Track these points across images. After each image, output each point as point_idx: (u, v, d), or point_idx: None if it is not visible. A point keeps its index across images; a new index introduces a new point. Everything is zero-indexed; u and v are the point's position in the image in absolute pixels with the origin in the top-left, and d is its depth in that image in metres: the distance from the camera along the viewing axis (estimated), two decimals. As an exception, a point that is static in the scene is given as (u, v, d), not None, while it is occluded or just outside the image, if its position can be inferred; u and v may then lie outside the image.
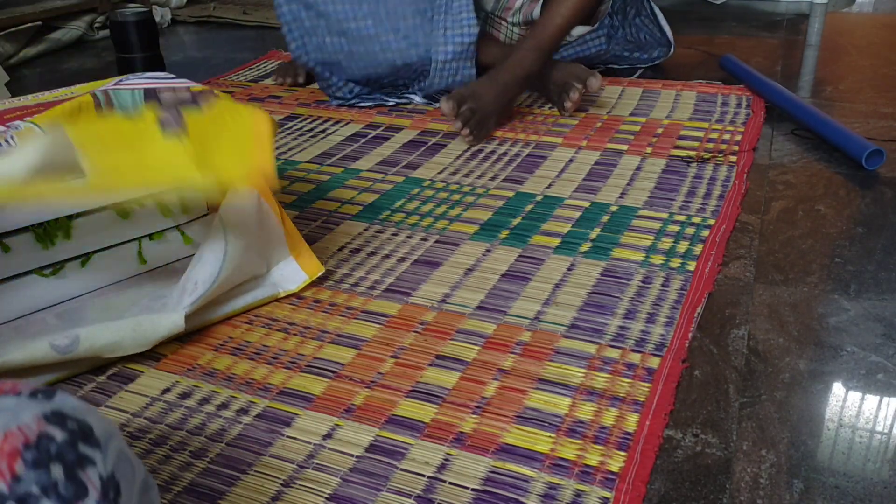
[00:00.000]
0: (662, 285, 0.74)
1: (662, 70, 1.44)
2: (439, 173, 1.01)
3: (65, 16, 1.77)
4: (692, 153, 1.04)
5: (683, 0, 2.04)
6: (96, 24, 1.84)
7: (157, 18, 1.91)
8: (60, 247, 0.66)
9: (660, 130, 1.13)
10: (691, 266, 0.77)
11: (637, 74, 1.41)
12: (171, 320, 0.65)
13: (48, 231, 0.64)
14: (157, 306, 0.68)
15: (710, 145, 1.07)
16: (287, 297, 0.75)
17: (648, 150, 1.06)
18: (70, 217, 0.66)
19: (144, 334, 0.64)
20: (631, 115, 1.20)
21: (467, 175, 1.00)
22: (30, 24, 1.66)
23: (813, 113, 1.10)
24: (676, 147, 1.06)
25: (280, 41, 1.76)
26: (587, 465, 0.53)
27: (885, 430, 0.58)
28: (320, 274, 0.75)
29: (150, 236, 0.71)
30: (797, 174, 0.99)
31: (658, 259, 0.79)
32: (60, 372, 0.64)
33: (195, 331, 0.70)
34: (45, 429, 0.34)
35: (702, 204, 0.90)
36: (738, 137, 1.09)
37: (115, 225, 0.68)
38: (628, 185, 0.96)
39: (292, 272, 0.74)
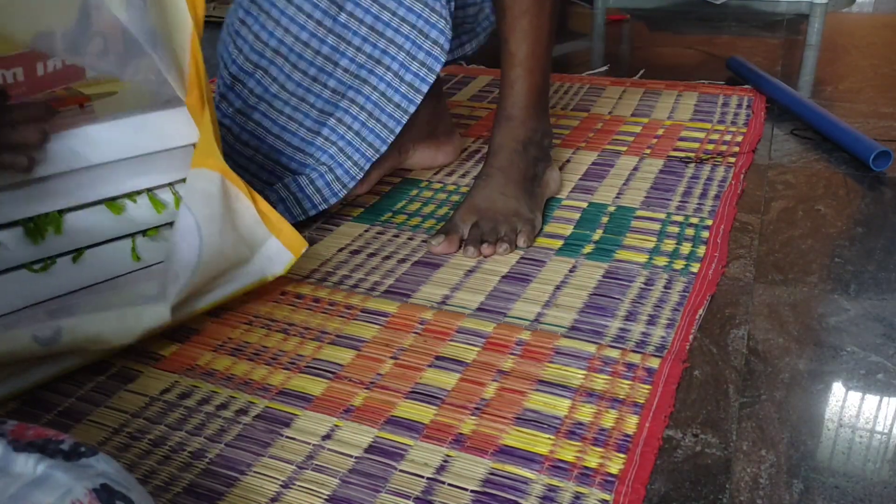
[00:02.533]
0: (665, 287, 0.74)
1: (664, 70, 1.44)
2: (436, 174, 1.01)
3: (65, 16, 1.77)
4: (691, 154, 1.04)
5: (683, 0, 2.04)
6: (96, 25, 1.84)
7: (157, 19, 1.90)
8: (51, 242, 0.65)
9: (661, 131, 1.13)
10: (695, 268, 0.77)
11: (639, 74, 1.41)
12: (155, 312, 0.64)
13: (38, 226, 0.64)
14: (142, 301, 0.67)
15: (711, 146, 1.07)
16: (286, 297, 0.75)
17: (647, 150, 1.06)
18: (61, 212, 0.66)
19: (128, 326, 0.63)
20: (632, 115, 1.20)
21: (464, 175, 1.00)
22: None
23: (820, 114, 1.10)
24: (676, 149, 1.06)
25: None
26: (586, 467, 0.53)
27: (885, 430, 0.57)
28: (305, 250, 0.72)
29: (145, 233, 0.70)
30: (797, 174, 0.99)
31: (661, 261, 0.79)
32: (51, 367, 0.63)
33: (194, 331, 0.70)
34: None
35: (698, 204, 0.90)
36: (739, 138, 1.09)
37: (107, 220, 0.68)
38: (624, 185, 0.96)
39: (277, 252, 0.72)
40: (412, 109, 0.84)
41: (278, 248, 0.71)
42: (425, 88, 0.83)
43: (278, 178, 0.86)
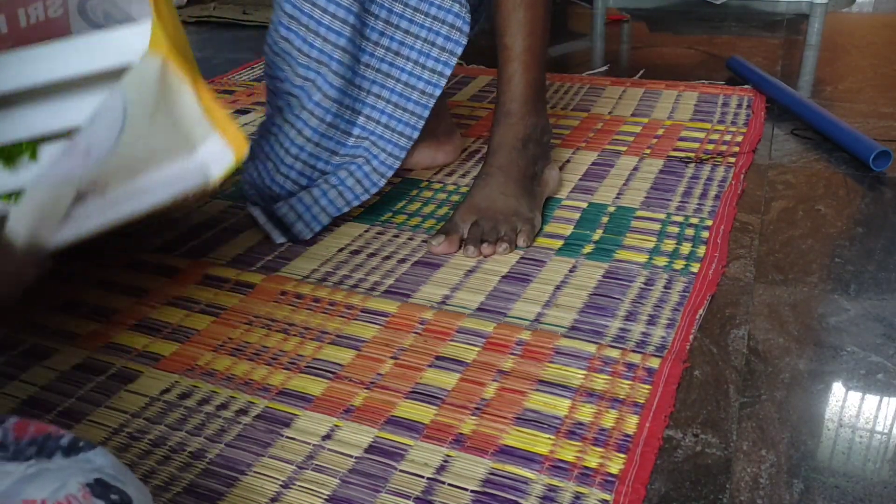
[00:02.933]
0: (665, 287, 0.74)
1: (664, 70, 1.44)
2: (436, 174, 1.01)
3: (65, 16, 1.77)
4: (691, 154, 1.04)
5: (683, 0, 2.04)
6: (96, 25, 1.84)
7: (157, 19, 1.90)
8: (26, 169, 0.62)
9: (661, 131, 1.13)
10: (695, 268, 0.77)
11: (639, 74, 1.41)
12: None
13: (11, 154, 0.62)
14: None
15: (711, 146, 1.07)
16: (287, 296, 0.75)
17: (647, 150, 1.06)
18: (36, 141, 0.63)
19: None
20: (632, 115, 1.19)
21: (464, 175, 1.00)
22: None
23: (820, 114, 1.10)
24: (676, 149, 1.06)
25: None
26: (586, 467, 0.53)
27: (885, 430, 0.57)
28: (246, 151, 0.67)
29: None
30: (797, 174, 0.99)
31: (661, 261, 0.79)
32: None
33: (194, 331, 0.70)
34: (92, 502, 0.35)
35: (698, 204, 0.90)
36: (739, 139, 1.09)
37: None
38: (625, 185, 0.96)
39: (219, 151, 0.67)
40: (437, 93, 0.85)
41: (222, 148, 0.67)
42: (448, 72, 0.85)
43: (315, 181, 0.88)
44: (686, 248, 0.81)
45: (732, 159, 1.02)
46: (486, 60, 1.52)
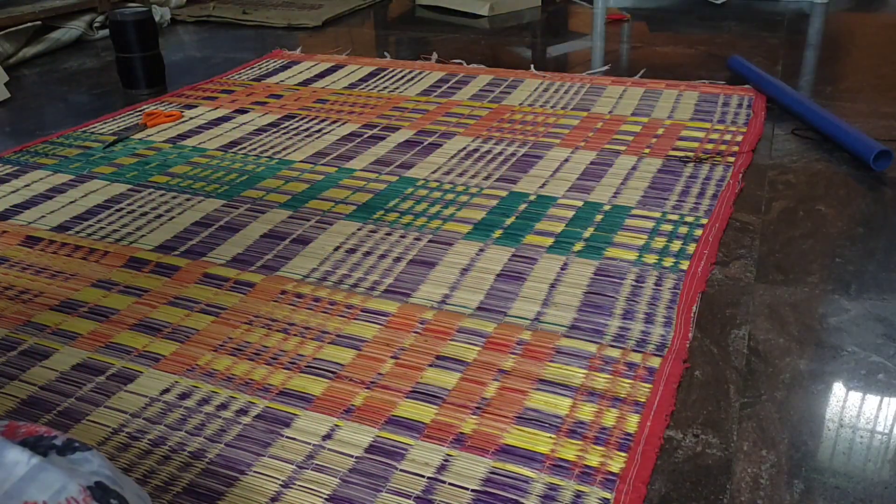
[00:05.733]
0: (655, 284, 0.74)
1: (664, 70, 1.44)
2: (433, 173, 1.01)
3: (64, 15, 1.77)
4: (690, 154, 1.04)
5: (683, 0, 2.04)
6: (95, 24, 1.84)
7: (157, 18, 1.91)
8: None
9: (661, 131, 1.13)
10: (684, 265, 0.77)
11: (640, 74, 1.41)
12: None
13: None
14: None
15: (711, 146, 1.06)
16: (287, 296, 0.74)
17: (646, 150, 1.06)
18: None
19: None
20: (633, 114, 1.19)
21: (461, 175, 1.00)
22: (29, 24, 1.66)
23: (821, 114, 1.10)
24: (676, 148, 1.06)
25: (281, 39, 1.76)
26: (587, 466, 0.53)
27: (886, 431, 0.57)
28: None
29: None
30: (798, 174, 0.99)
31: (651, 258, 0.79)
32: None
33: (194, 331, 0.70)
34: None
35: (695, 203, 0.90)
36: (739, 138, 1.09)
37: None
38: (622, 184, 0.96)
39: None
40: None
41: None
42: None
43: None
44: (676, 245, 0.81)
45: (732, 159, 1.02)
46: (486, 60, 1.52)
